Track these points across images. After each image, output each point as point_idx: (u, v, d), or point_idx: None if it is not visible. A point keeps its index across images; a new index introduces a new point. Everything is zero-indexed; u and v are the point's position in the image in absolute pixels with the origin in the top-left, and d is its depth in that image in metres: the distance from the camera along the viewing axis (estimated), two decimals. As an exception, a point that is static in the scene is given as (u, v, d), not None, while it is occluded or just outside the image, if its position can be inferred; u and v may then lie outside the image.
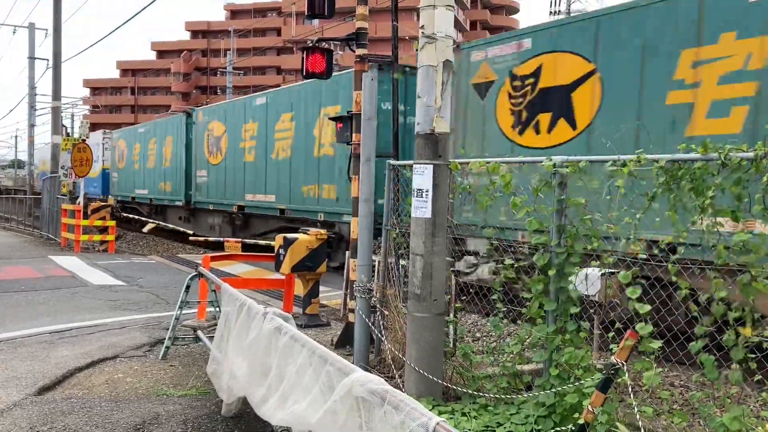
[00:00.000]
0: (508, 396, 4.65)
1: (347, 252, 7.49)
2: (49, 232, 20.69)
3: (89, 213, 17.86)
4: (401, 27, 7.27)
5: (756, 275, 3.40)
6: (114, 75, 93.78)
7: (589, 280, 4.81)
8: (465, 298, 5.98)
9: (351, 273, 6.94)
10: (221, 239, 16.93)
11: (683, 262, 3.86)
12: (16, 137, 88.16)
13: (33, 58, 29.77)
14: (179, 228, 21.07)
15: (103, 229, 17.98)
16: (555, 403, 4.29)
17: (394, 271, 6.12)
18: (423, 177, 4.80)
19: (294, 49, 70.07)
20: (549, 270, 4.41)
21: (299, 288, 8.34)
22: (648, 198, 3.86)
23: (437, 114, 4.76)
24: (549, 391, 4.28)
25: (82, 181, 18.80)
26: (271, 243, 9.41)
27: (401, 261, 6.11)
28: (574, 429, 3.65)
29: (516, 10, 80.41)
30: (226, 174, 17.69)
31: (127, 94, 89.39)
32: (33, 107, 32.32)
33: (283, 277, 8.28)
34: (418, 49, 4.85)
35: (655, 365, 3.78)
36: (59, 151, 20.59)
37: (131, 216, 25.14)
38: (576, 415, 3.93)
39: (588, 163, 4.32)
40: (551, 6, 36.94)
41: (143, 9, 26.18)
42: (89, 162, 18.60)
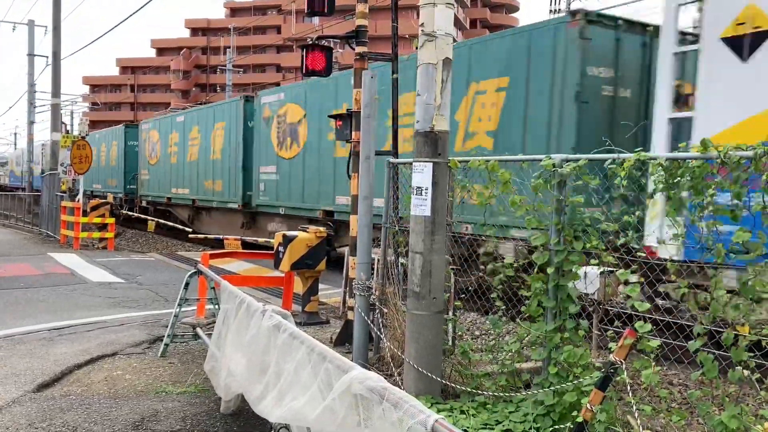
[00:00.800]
0: (506, 394, 4.66)
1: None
2: (49, 229, 20.68)
3: (88, 210, 17.85)
4: (401, 25, 7.26)
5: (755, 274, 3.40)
6: (114, 72, 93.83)
7: (588, 278, 4.82)
8: (464, 296, 5.98)
9: (350, 271, 6.94)
10: (221, 237, 16.93)
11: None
12: (15, 134, 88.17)
13: (32, 55, 29.74)
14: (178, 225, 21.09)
15: (102, 227, 17.97)
16: (554, 402, 4.29)
17: (393, 269, 6.13)
18: (422, 175, 4.80)
19: (294, 47, 70.04)
20: (548, 268, 4.42)
21: (298, 286, 8.34)
22: (648, 196, 3.86)
23: (437, 112, 4.75)
24: (548, 390, 4.28)
25: (81, 179, 18.80)
26: (270, 241, 9.42)
27: (400, 259, 6.11)
28: (572, 427, 3.66)
29: (516, 8, 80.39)
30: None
31: (127, 91, 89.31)
32: (32, 104, 32.28)
33: (283, 275, 8.28)
34: (417, 47, 4.84)
35: (654, 364, 3.78)
36: (59, 149, 20.57)
37: (132, 214, 25.06)
38: (575, 414, 3.93)
39: (587, 161, 4.32)
40: (551, 4, 36.91)
41: (143, 6, 26.16)
42: (89, 159, 18.59)
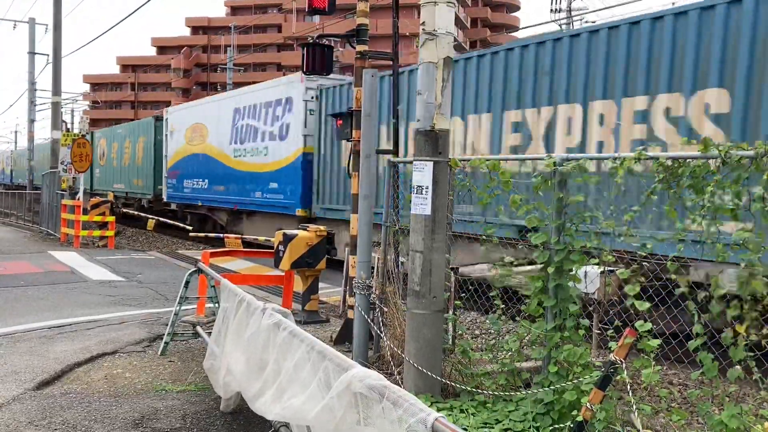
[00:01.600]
0: (506, 393, 4.66)
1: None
2: (49, 227, 20.69)
3: (89, 209, 17.85)
4: (402, 24, 7.25)
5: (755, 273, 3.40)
6: (114, 71, 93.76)
7: (588, 277, 4.81)
8: (464, 295, 5.98)
9: (350, 270, 6.94)
10: (221, 235, 16.93)
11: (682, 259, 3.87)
12: (16, 132, 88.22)
13: (33, 53, 29.75)
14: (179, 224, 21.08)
15: (103, 225, 17.97)
16: (553, 401, 4.29)
17: (393, 268, 6.12)
18: (423, 174, 4.80)
19: (294, 46, 70.03)
20: (548, 267, 4.42)
21: (298, 284, 8.34)
22: (647, 195, 3.86)
23: (437, 111, 4.75)
24: (547, 389, 4.28)
25: (81, 177, 18.80)
26: (271, 239, 9.42)
27: (401, 258, 6.11)
28: (572, 426, 3.66)
29: (517, 7, 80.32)
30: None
31: (127, 90, 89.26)
32: (33, 103, 32.30)
33: (283, 274, 8.28)
34: (418, 46, 4.84)
35: (654, 363, 3.78)
36: (59, 147, 20.57)
37: (133, 213, 25.07)
38: (574, 413, 3.93)
39: (587, 161, 4.33)
40: (552, 4, 36.92)
41: (143, 4, 26.15)
42: (89, 157, 18.58)
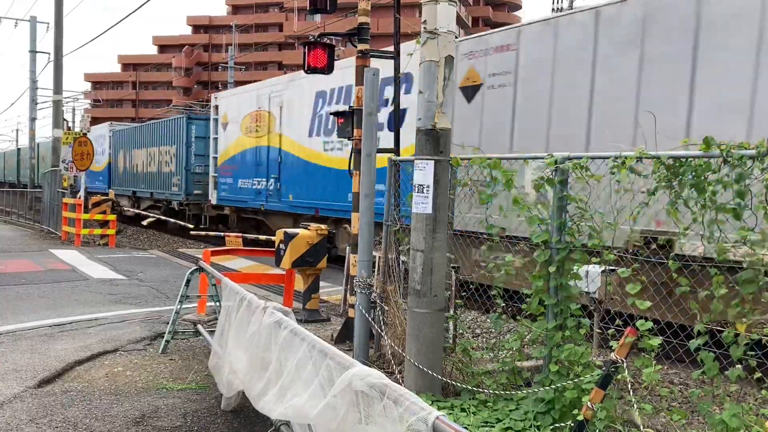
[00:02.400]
0: (507, 392, 4.66)
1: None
2: (50, 225, 20.70)
3: (90, 207, 17.86)
4: (403, 23, 7.24)
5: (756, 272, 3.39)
6: (115, 69, 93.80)
7: (590, 277, 4.81)
8: (465, 294, 5.98)
9: (351, 268, 6.94)
10: (222, 234, 16.94)
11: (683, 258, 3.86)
12: (17, 131, 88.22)
13: (34, 51, 29.76)
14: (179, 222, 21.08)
15: (104, 223, 17.97)
16: (554, 400, 4.29)
17: (394, 267, 6.12)
18: (424, 173, 4.80)
19: (296, 45, 70.02)
20: (549, 266, 4.41)
21: (299, 283, 8.34)
22: (648, 194, 3.85)
23: (439, 110, 4.75)
24: (548, 388, 4.28)
25: (82, 175, 18.80)
26: (272, 238, 9.44)
27: (402, 257, 6.11)
28: (573, 425, 3.65)
29: (518, 6, 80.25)
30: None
31: (129, 88, 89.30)
32: (34, 101, 32.29)
33: (284, 272, 8.29)
34: (420, 45, 4.84)
35: (655, 362, 3.78)
36: (60, 145, 20.58)
37: (134, 211, 25.11)
38: (575, 412, 3.93)
39: (588, 159, 4.32)
40: (554, 3, 36.82)
41: (144, 3, 26.11)
42: (90, 156, 18.57)
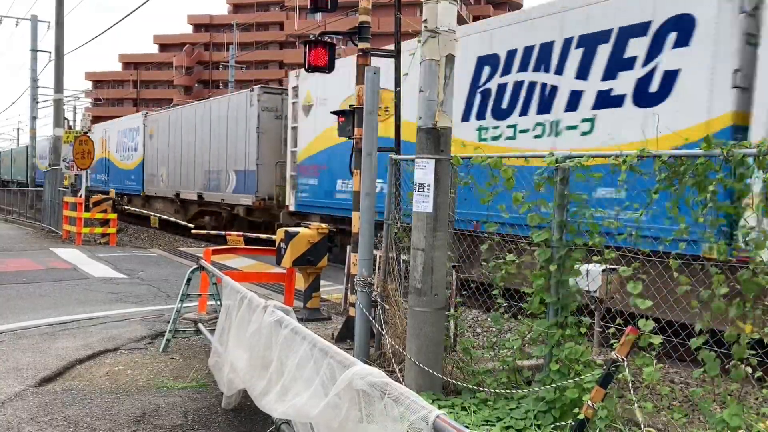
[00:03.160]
0: (508, 391, 4.66)
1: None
2: (51, 224, 20.70)
3: (91, 206, 17.86)
4: (404, 21, 7.24)
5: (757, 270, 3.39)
6: (116, 68, 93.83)
7: (590, 276, 4.81)
8: (466, 293, 5.98)
9: (352, 267, 6.94)
10: (223, 233, 16.94)
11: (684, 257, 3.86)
12: (18, 129, 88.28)
13: (35, 50, 29.74)
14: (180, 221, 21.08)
15: (105, 222, 17.97)
16: (555, 399, 4.29)
17: (395, 266, 6.12)
18: (425, 171, 4.79)
19: (296, 44, 69.99)
20: (550, 265, 4.41)
21: (300, 282, 8.34)
22: (650, 193, 3.85)
23: (439, 108, 4.75)
24: (549, 386, 4.28)
25: (83, 174, 18.80)
26: (272, 237, 9.45)
27: (402, 255, 6.11)
28: (573, 424, 3.65)
29: (519, 5, 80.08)
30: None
31: (129, 87, 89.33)
32: (35, 100, 32.29)
33: (284, 271, 8.29)
34: (421, 43, 4.83)
35: (656, 361, 3.78)
36: (61, 144, 20.58)
37: (134, 210, 25.07)
38: (576, 410, 3.93)
39: (588, 158, 4.32)
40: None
41: (145, 2, 26.12)
42: (90, 155, 18.56)
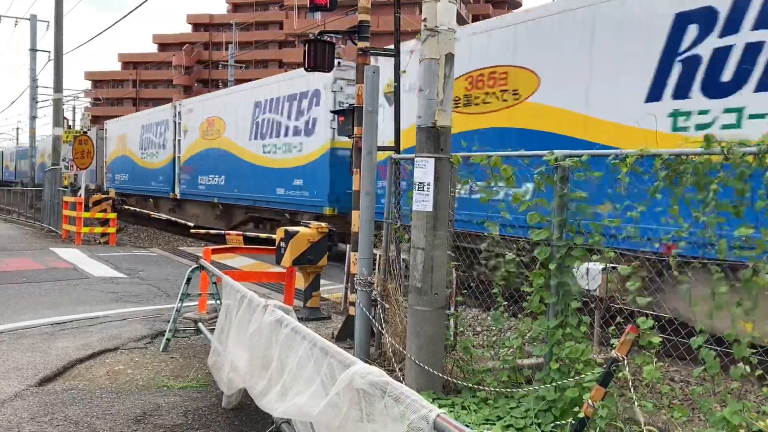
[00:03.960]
0: (508, 390, 4.66)
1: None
2: (50, 224, 20.70)
3: (90, 205, 17.86)
4: (403, 20, 7.24)
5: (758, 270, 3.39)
6: (116, 67, 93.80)
7: (590, 274, 4.81)
8: (466, 291, 5.98)
9: (352, 266, 6.94)
10: (222, 232, 16.92)
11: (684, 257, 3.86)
12: (17, 129, 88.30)
13: (34, 50, 29.76)
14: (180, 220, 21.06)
15: (104, 222, 17.97)
16: (555, 398, 4.29)
17: (395, 265, 6.12)
18: (425, 170, 4.79)
19: (296, 43, 69.99)
20: (550, 264, 4.41)
21: (300, 281, 8.34)
22: (650, 192, 3.85)
23: (439, 107, 4.74)
24: (549, 385, 4.28)
25: (83, 174, 18.80)
26: (272, 236, 9.44)
27: (402, 254, 6.10)
28: (573, 423, 3.65)
29: (519, 4, 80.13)
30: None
31: (129, 86, 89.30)
32: (35, 99, 32.30)
33: (284, 270, 8.29)
34: (420, 42, 4.83)
35: (656, 360, 3.78)
36: (60, 143, 20.58)
37: (132, 209, 25.04)
38: (576, 409, 3.93)
39: (589, 157, 4.32)
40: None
41: (144, 1, 26.11)
42: (90, 154, 18.57)
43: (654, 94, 7.05)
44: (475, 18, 72.82)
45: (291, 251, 7.82)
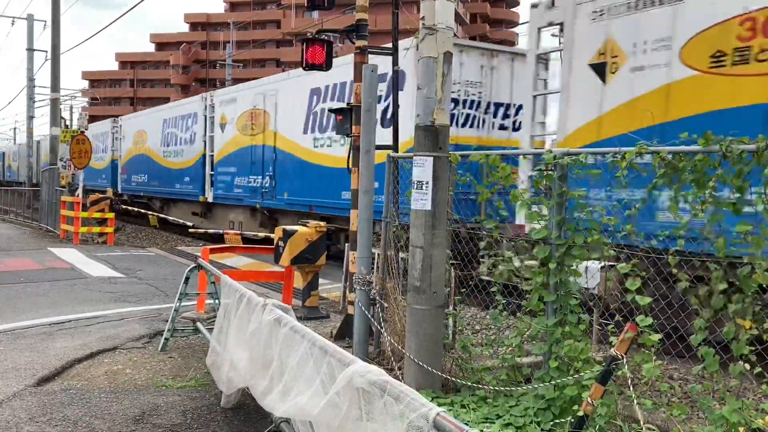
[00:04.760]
0: (507, 388, 4.66)
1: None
2: (48, 224, 20.66)
3: (88, 205, 17.83)
4: (401, 19, 7.23)
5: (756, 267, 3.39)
6: (113, 67, 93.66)
7: (589, 273, 4.81)
8: (464, 290, 5.98)
9: (350, 265, 6.94)
10: (221, 231, 16.90)
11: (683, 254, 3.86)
12: (15, 129, 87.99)
13: (32, 49, 29.71)
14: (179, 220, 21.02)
15: (102, 222, 17.94)
16: (554, 396, 4.29)
17: (393, 264, 6.12)
18: (423, 169, 4.79)
19: (293, 42, 69.93)
20: (549, 262, 4.41)
21: (299, 280, 8.34)
22: (649, 189, 3.85)
23: (438, 106, 4.74)
24: (548, 384, 4.28)
25: (81, 173, 18.77)
26: (270, 235, 9.42)
27: (401, 253, 6.10)
28: (573, 421, 3.65)
29: (517, 2, 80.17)
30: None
31: (126, 86, 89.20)
32: (32, 99, 32.24)
33: (283, 270, 8.28)
34: (418, 41, 4.83)
35: (655, 358, 3.78)
36: (58, 143, 20.54)
37: (132, 208, 25.00)
38: (575, 408, 3.93)
39: (587, 155, 4.32)
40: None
41: (141, 0, 26.09)
42: (88, 154, 18.53)
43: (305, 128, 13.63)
44: (473, 17, 72.84)
45: (289, 250, 7.82)
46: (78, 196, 17.84)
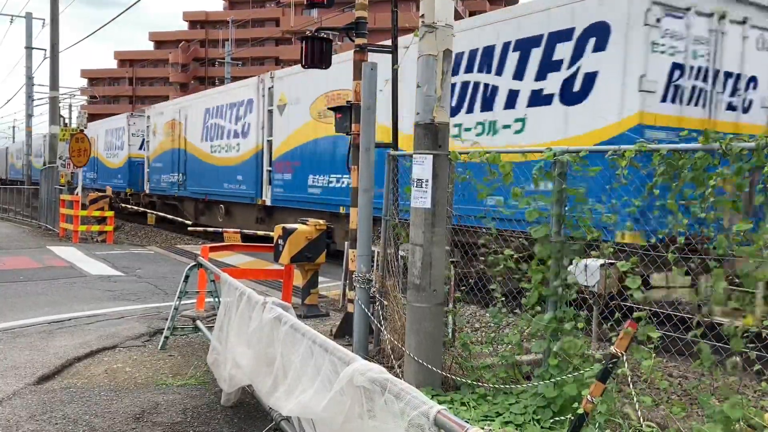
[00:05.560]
0: (507, 386, 4.67)
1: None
2: (47, 222, 20.65)
3: (87, 204, 17.82)
4: (401, 17, 7.22)
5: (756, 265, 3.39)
6: (112, 65, 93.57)
7: (589, 270, 4.81)
8: (464, 288, 5.98)
9: (350, 263, 6.94)
10: (220, 229, 16.90)
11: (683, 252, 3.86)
12: (13, 128, 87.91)
13: (30, 48, 29.68)
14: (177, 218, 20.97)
15: (102, 220, 17.93)
16: (554, 394, 4.29)
17: (393, 262, 6.12)
18: (423, 167, 4.79)
19: (293, 40, 69.88)
20: (548, 260, 4.42)
21: (298, 279, 8.33)
22: (648, 187, 3.86)
23: (437, 104, 4.74)
24: (548, 382, 4.29)
25: (80, 172, 18.75)
26: (270, 233, 9.36)
27: (400, 251, 6.10)
28: (573, 419, 3.66)
29: (515, 1, 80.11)
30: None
31: (125, 84, 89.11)
32: (30, 97, 32.21)
33: (282, 268, 8.28)
34: (418, 39, 4.82)
35: (654, 355, 3.79)
36: (57, 141, 20.52)
37: (133, 208, 24.94)
38: (575, 405, 3.94)
39: (587, 152, 4.32)
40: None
41: (141, -1, 26.01)
42: (87, 152, 18.51)
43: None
44: (472, 14, 72.73)
45: (289, 248, 7.82)
46: (77, 194, 17.83)
